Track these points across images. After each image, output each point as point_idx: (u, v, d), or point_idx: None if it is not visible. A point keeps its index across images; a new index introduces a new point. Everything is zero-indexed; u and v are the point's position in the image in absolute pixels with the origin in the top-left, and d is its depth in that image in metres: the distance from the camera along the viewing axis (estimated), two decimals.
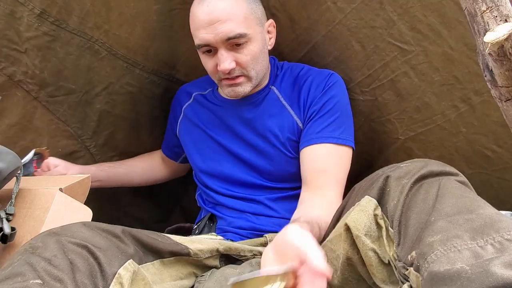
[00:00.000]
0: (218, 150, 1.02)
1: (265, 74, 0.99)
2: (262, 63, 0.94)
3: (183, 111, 1.11)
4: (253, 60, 0.91)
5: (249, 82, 0.94)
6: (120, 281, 0.61)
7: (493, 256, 0.47)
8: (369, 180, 0.69)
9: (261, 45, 0.92)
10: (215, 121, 1.03)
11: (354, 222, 0.64)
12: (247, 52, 0.90)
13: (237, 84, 0.93)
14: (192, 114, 1.08)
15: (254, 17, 0.90)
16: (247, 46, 0.89)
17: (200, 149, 1.05)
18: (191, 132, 1.07)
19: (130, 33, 1.05)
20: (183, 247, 0.75)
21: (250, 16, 0.89)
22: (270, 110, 0.98)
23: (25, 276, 0.55)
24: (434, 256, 0.50)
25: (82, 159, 1.15)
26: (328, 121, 0.93)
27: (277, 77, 1.02)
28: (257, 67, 0.93)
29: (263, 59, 0.94)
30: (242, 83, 0.93)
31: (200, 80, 1.13)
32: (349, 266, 0.67)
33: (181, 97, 1.13)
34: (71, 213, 0.79)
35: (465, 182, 0.64)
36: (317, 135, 0.93)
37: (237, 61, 0.90)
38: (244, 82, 0.93)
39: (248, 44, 0.89)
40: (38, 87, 1.02)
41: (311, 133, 0.93)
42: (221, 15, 0.86)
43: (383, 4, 0.94)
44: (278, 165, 0.97)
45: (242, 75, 0.92)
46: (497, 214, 0.54)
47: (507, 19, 0.51)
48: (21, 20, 0.95)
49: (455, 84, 0.98)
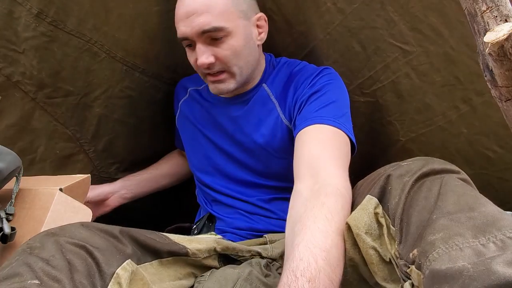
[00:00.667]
0: (210, 147, 1.03)
1: (254, 71, 0.95)
2: (247, 58, 0.90)
3: (179, 107, 1.11)
4: (234, 55, 0.87)
5: (232, 78, 0.90)
6: (118, 281, 0.61)
7: (495, 254, 0.47)
8: (370, 179, 0.69)
9: (244, 40, 0.88)
10: (207, 117, 1.03)
11: (354, 220, 0.64)
12: (226, 46, 0.86)
13: (220, 80, 0.90)
14: (187, 110, 1.08)
15: (235, 10, 0.86)
16: (226, 40, 0.86)
17: (194, 145, 1.06)
18: (186, 128, 1.08)
19: (129, 35, 1.04)
20: (181, 246, 0.75)
21: (230, 9, 0.85)
22: (259, 109, 0.96)
23: (23, 277, 0.54)
24: (436, 254, 0.50)
25: (81, 163, 1.14)
26: (317, 106, 0.86)
27: (270, 74, 0.99)
28: (240, 62, 0.89)
29: (249, 54, 0.90)
30: (224, 80, 0.90)
31: (196, 76, 1.10)
32: (351, 268, 0.67)
33: (179, 92, 1.13)
34: (71, 213, 0.79)
35: (467, 180, 0.64)
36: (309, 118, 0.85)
37: (216, 55, 0.86)
38: (227, 79, 0.90)
39: (228, 38, 0.86)
40: (36, 88, 1.01)
41: (303, 118, 0.86)
42: (198, 8, 0.83)
43: (384, 4, 0.94)
44: (266, 163, 0.96)
45: (224, 71, 0.89)
46: (499, 212, 0.54)
47: (507, 19, 0.51)
48: (19, 20, 0.94)
49: (456, 85, 0.98)
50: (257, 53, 0.94)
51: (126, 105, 1.13)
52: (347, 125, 0.86)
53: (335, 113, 0.85)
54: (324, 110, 0.85)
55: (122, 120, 1.15)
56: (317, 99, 0.88)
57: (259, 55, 0.96)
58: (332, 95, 0.89)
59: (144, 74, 1.12)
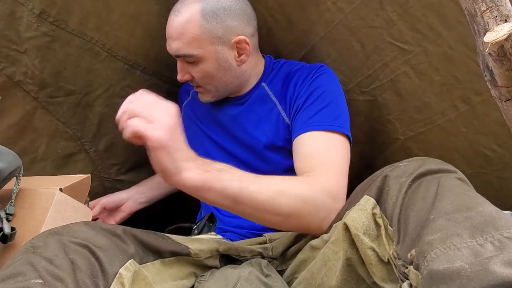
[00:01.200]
0: (212, 146, 1.03)
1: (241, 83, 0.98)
2: (222, 79, 0.94)
3: (183, 108, 1.12)
4: (205, 77, 0.93)
5: (208, 93, 0.98)
6: (121, 280, 0.61)
7: (492, 254, 0.47)
8: (368, 181, 0.70)
9: (216, 64, 0.92)
10: (209, 118, 1.05)
11: (352, 221, 0.65)
12: (198, 69, 0.92)
13: (199, 91, 0.99)
14: (190, 111, 1.10)
15: (208, 37, 0.89)
16: (198, 64, 0.92)
17: (196, 145, 1.05)
18: (189, 129, 1.08)
19: (130, 34, 1.05)
20: (183, 247, 0.75)
21: (202, 37, 0.89)
22: (258, 107, 0.98)
23: (26, 276, 0.54)
24: (434, 254, 0.50)
25: (82, 162, 1.14)
26: (316, 109, 0.89)
27: (270, 74, 1.01)
28: (214, 83, 0.95)
29: (224, 75, 0.94)
30: (202, 92, 0.98)
31: None
32: (349, 267, 0.67)
33: (182, 95, 1.15)
34: (71, 213, 0.79)
35: (464, 179, 0.64)
36: (305, 124, 0.89)
37: (191, 74, 0.94)
38: (204, 92, 0.98)
39: (199, 63, 0.92)
40: (37, 87, 1.02)
41: (299, 124, 0.90)
42: (173, 33, 0.90)
43: (383, 4, 0.94)
44: (268, 161, 0.97)
45: (200, 86, 0.97)
46: (496, 212, 0.54)
47: (507, 19, 0.51)
48: (20, 20, 0.94)
49: (455, 84, 0.98)
50: (238, 72, 0.96)
51: None
52: (344, 124, 0.89)
53: (330, 116, 0.88)
54: (318, 115, 0.88)
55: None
56: (312, 103, 0.90)
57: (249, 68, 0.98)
58: (328, 96, 0.91)
59: (145, 72, 1.13)
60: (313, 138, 0.86)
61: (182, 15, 0.89)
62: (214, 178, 0.68)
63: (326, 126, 0.86)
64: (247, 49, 0.93)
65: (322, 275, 0.72)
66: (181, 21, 0.88)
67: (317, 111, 0.88)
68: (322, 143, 0.85)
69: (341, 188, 0.80)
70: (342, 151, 0.86)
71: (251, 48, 0.94)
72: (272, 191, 0.71)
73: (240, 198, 0.70)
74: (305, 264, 0.80)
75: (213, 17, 0.88)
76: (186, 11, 0.89)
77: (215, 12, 0.89)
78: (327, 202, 0.75)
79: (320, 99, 0.90)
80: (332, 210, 0.75)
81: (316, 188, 0.76)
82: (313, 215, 0.74)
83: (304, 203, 0.73)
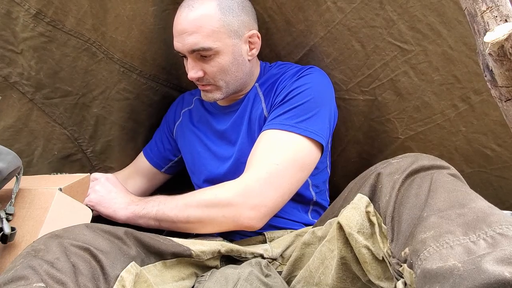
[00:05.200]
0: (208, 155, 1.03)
1: (247, 81, 0.99)
2: (234, 74, 0.94)
3: (181, 115, 1.11)
4: (220, 72, 0.93)
5: (218, 90, 0.96)
6: (122, 283, 0.61)
7: (485, 252, 0.47)
8: (361, 178, 0.70)
9: (231, 58, 0.92)
10: (207, 126, 1.05)
11: (346, 220, 0.65)
12: (214, 64, 0.91)
13: (207, 90, 0.96)
14: (189, 118, 1.09)
15: (225, 30, 0.90)
16: (214, 58, 0.91)
17: (193, 153, 1.06)
18: (185, 137, 1.08)
19: (126, 36, 1.03)
20: (185, 248, 0.75)
21: (220, 30, 0.89)
22: (251, 107, 0.99)
23: (28, 280, 0.54)
24: (427, 253, 0.50)
25: (79, 163, 1.13)
26: (286, 108, 0.89)
27: (262, 76, 1.02)
28: (227, 78, 0.94)
29: (237, 70, 0.94)
30: (211, 90, 0.96)
31: None
32: (343, 265, 0.67)
33: (185, 100, 1.13)
34: (70, 213, 0.79)
35: (457, 175, 0.64)
36: (270, 122, 0.90)
37: (204, 70, 0.92)
38: (213, 90, 0.96)
39: (216, 56, 0.91)
40: (34, 88, 1.00)
41: (267, 122, 0.91)
42: (188, 27, 0.89)
43: (383, 3, 0.95)
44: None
45: (210, 84, 0.95)
46: (489, 207, 0.54)
47: (507, 19, 0.51)
48: (17, 20, 0.93)
49: (454, 84, 0.98)
50: (247, 67, 0.97)
51: (123, 108, 1.12)
52: (312, 127, 0.87)
53: (297, 117, 0.88)
54: (286, 114, 0.88)
55: (119, 123, 1.13)
56: (286, 102, 0.91)
57: (252, 67, 0.99)
58: (305, 96, 0.90)
59: (141, 76, 1.11)
60: (267, 137, 0.88)
61: (198, 9, 0.88)
62: (139, 208, 0.90)
63: (287, 126, 0.87)
64: (258, 43, 0.97)
65: (320, 273, 0.72)
66: (198, 15, 0.88)
67: (287, 111, 0.89)
68: (270, 143, 0.87)
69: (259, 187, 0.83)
70: (291, 154, 0.85)
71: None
72: (180, 206, 0.86)
73: (159, 218, 0.88)
74: (300, 262, 0.80)
75: (229, 11, 0.90)
76: (202, 5, 0.89)
77: (231, 6, 0.90)
78: (235, 201, 0.83)
79: (296, 98, 0.90)
80: (243, 206, 0.82)
81: (228, 189, 0.85)
82: (223, 216, 0.83)
83: (208, 208, 0.85)
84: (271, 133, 0.88)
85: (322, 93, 0.93)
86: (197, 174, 1.05)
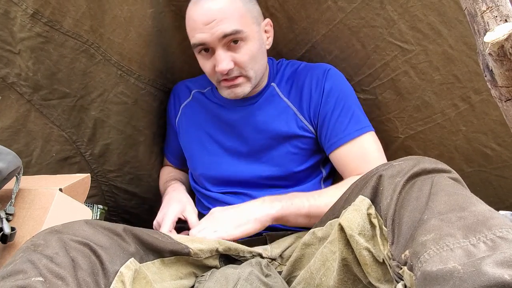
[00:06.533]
0: (217, 149, 1.02)
1: (263, 74, 0.98)
2: (260, 62, 0.94)
3: (181, 109, 1.10)
4: (251, 60, 0.91)
5: (248, 82, 0.93)
6: (122, 279, 0.61)
7: (485, 254, 0.47)
8: (362, 180, 0.69)
9: (258, 44, 0.92)
10: (215, 120, 1.03)
11: (347, 221, 0.65)
12: (244, 51, 0.90)
13: (236, 85, 0.92)
14: (190, 113, 1.07)
15: (250, 16, 0.90)
16: (244, 45, 0.89)
17: (198, 149, 1.04)
18: (189, 132, 1.07)
19: (123, 38, 1.01)
20: (183, 246, 0.75)
21: (246, 15, 0.89)
22: (271, 107, 0.98)
23: (26, 274, 0.54)
24: (427, 255, 0.50)
25: (78, 165, 1.11)
26: (347, 118, 0.95)
27: (277, 74, 1.02)
28: (256, 66, 0.93)
29: (261, 58, 0.94)
30: (241, 84, 0.93)
31: (199, 78, 1.11)
32: (345, 267, 0.67)
33: (181, 93, 1.11)
34: (71, 213, 0.79)
35: (458, 179, 0.64)
36: (342, 135, 0.94)
37: (235, 61, 0.90)
38: (243, 83, 0.93)
39: (245, 43, 0.89)
40: (31, 89, 0.99)
41: (335, 135, 0.95)
42: (216, 15, 0.87)
43: (384, 3, 0.94)
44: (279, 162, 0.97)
45: (241, 75, 0.92)
46: (489, 211, 0.54)
47: (507, 19, 0.51)
48: (14, 20, 0.92)
49: (455, 83, 0.98)
50: (266, 57, 0.98)
51: (121, 112, 1.09)
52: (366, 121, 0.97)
53: (358, 120, 0.96)
54: (352, 123, 0.95)
55: (117, 127, 1.11)
56: (340, 112, 0.95)
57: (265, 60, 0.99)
58: (348, 100, 0.97)
59: (139, 80, 1.08)
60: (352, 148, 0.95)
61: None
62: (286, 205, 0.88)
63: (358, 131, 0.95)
64: (272, 32, 0.98)
65: (321, 275, 0.72)
66: (223, 3, 0.88)
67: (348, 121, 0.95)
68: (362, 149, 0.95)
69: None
70: (377, 145, 0.96)
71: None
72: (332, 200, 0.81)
73: (311, 214, 0.87)
74: (300, 262, 0.80)
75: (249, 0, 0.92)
76: None
77: None
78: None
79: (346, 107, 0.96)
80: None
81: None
82: None
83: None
84: (351, 147, 0.94)
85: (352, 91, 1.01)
86: (205, 169, 1.04)
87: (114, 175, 1.16)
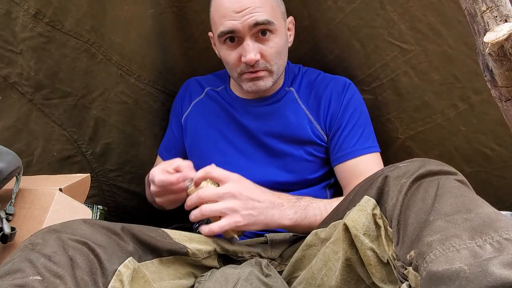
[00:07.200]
0: (226, 148, 1.01)
1: (282, 73, 0.99)
2: (283, 59, 0.95)
3: (191, 106, 1.08)
4: (277, 54, 0.91)
5: (270, 76, 0.93)
6: (120, 278, 0.61)
7: (491, 255, 0.47)
8: (368, 181, 0.70)
9: (284, 40, 0.93)
10: (227, 118, 1.02)
11: (352, 221, 0.65)
12: (272, 44, 0.90)
13: (259, 77, 0.92)
14: (202, 110, 1.06)
15: (279, 11, 0.93)
16: (272, 38, 0.90)
17: (208, 147, 1.03)
18: (198, 129, 1.05)
19: (124, 38, 1.01)
20: (181, 246, 0.75)
21: (276, 9, 0.91)
22: (288, 111, 0.99)
23: (24, 272, 0.54)
24: (433, 255, 0.50)
25: (79, 165, 1.12)
26: (357, 134, 0.96)
27: (295, 79, 1.03)
28: (279, 62, 0.93)
29: (285, 54, 0.95)
30: (264, 77, 0.92)
31: (211, 77, 1.11)
32: (348, 267, 0.67)
33: (193, 89, 1.09)
34: (70, 213, 0.79)
35: (464, 181, 0.64)
36: (351, 150, 0.95)
37: (261, 53, 0.90)
38: (266, 76, 0.93)
39: (274, 36, 0.90)
40: (33, 89, 1.00)
41: (344, 149, 0.96)
42: (252, 3, 0.87)
43: (383, 3, 0.95)
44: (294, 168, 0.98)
45: (265, 69, 0.92)
46: (496, 213, 0.54)
47: (507, 19, 0.51)
48: (16, 20, 0.93)
49: (454, 83, 0.98)
50: (287, 55, 0.98)
51: (121, 111, 1.10)
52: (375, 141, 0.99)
53: (368, 138, 0.97)
54: (360, 140, 0.96)
55: (118, 126, 1.11)
56: (352, 128, 0.97)
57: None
58: (363, 118, 0.99)
59: (139, 81, 1.09)
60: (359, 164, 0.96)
61: None
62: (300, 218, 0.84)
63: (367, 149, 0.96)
64: (293, 30, 0.99)
65: (323, 275, 0.72)
66: None
67: (359, 137, 0.97)
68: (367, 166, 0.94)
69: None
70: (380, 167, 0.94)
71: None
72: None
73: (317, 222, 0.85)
74: (301, 263, 0.80)
75: None
76: None
77: None
78: None
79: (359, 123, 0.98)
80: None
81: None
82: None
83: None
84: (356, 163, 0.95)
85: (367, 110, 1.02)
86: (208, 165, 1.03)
87: (114, 174, 1.16)
